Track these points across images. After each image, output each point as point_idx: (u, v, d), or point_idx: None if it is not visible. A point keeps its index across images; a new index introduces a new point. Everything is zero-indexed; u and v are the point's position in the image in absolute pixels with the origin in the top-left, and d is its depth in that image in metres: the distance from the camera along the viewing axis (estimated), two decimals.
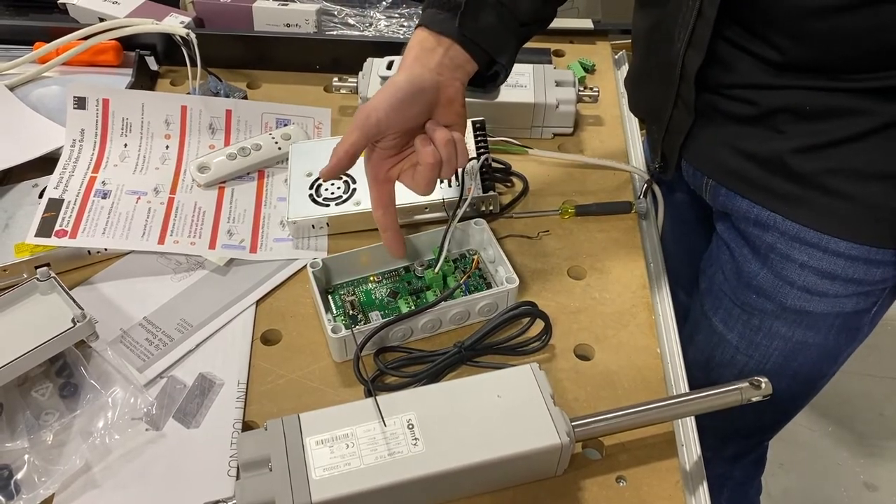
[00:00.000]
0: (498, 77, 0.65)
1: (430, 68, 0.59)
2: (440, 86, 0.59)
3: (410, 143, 0.61)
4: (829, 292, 0.68)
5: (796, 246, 0.67)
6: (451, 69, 0.60)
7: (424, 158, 0.59)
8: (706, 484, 0.57)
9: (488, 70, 0.64)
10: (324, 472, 0.48)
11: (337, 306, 0.66)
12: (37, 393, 0.59)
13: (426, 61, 0.59)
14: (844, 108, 0.59)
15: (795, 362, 0.74)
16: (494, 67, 0.64)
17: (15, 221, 0.71)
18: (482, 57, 0.61)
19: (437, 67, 0.59)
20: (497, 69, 0.64)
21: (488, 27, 0.60)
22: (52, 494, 0.54)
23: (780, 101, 0.62)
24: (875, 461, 1.56)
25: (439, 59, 0.59)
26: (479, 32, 0.60)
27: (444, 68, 0.60)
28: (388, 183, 0.63)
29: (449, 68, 0.60)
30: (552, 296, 0.68)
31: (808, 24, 0.56)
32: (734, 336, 0.76)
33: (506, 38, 0.63)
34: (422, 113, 0.60)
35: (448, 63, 0.60)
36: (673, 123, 0.70)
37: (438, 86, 0.59)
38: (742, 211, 0.70)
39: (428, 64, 0.59)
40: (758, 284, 0.71)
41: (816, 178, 0.63)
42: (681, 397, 0.56)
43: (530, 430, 0.51)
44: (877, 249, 0.64)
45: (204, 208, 0.75)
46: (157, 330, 0.65)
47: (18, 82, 0.86)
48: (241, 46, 0.94)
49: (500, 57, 0.63)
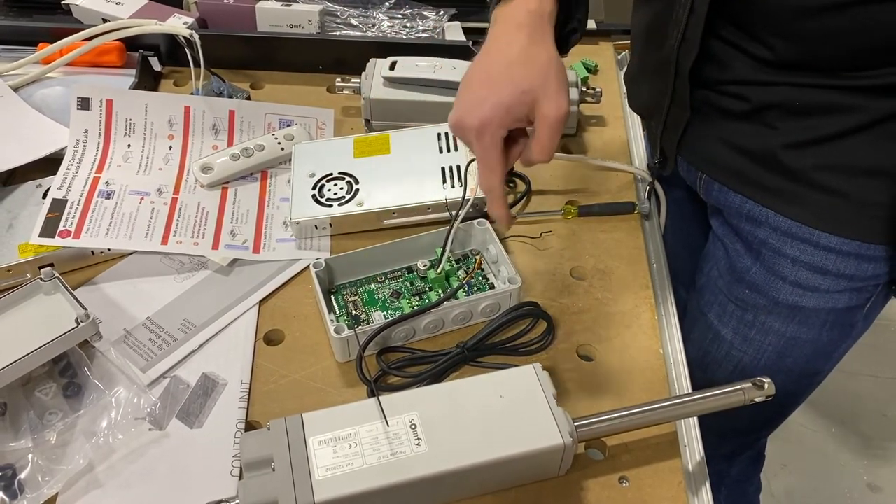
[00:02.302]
0: (574, 34, 0.63)
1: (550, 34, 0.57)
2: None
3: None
4: (822, 287, 0.68)
5: (788, 241, 0.67)
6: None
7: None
8: (709, 485, 0.57)
9: (563, 28, 0.61)
10: (327, 472, 0.49)
11: (340, 307, 0.66)
12: (40, 393, 0.59)
13: (547, 28, 0.57)
14: (835, 104, 0.59)
15: (789, 358, 0.75)
16: (570, 24, 0.62)
17: (19, 222, 0.71)
18: (564, 12, 0.59)
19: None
20: (574, 26, 0.62)
21: None
22: (55, 494, 0.54)
23: (771, 97, 0.62)
24: (879, 462, 1.55)
25: (549, 18, 0.57)
26: None
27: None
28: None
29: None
30: (555, 296, 0.68)
31: (797, 24, 0.57)
32: (729, 332, 0.77)
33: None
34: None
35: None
36: (670, 119, 0.70)
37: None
38: (735, 206, 0.70)
39: (548, 32, 0.57)
40: (751, 280, 0.71)
41: (808, 173, 0.63)
42: (683, 398, 0.56)
43: (533, 430, 0.51)
44: (868, 245, 0.64)
45: (207, 209, 0.75)
46: (161, 330, 0.65)
47: (22, 83, 0.86)
48: (245, 47, 0.94)
49: (578, 10, 0.61)
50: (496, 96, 0.54)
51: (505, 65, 0.55)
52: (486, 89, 0.55)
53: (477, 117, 0.55)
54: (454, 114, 0.56)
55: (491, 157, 0.56)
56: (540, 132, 0.55)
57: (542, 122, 0.55)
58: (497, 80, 0.55)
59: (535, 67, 0.55)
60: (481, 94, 0.55)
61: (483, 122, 0.54)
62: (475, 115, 0.55)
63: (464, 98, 0.56)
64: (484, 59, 0.57)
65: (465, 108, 0.56)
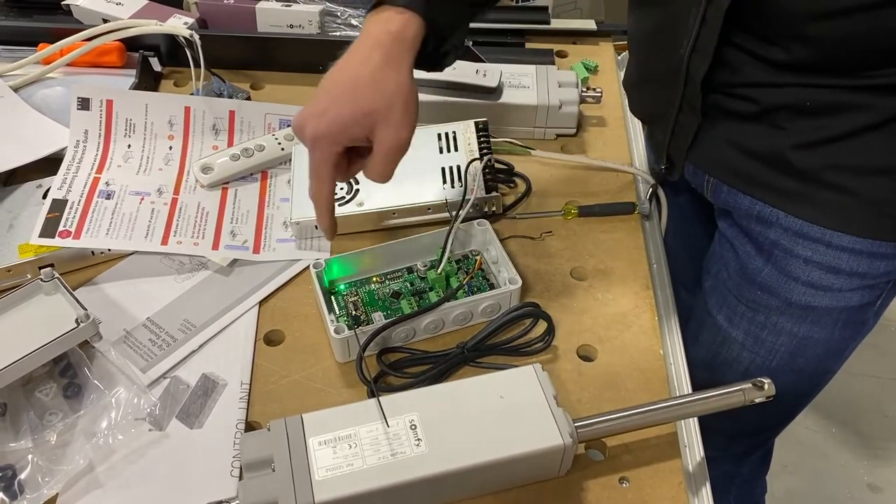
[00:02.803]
0: (447, 57, 0.63)
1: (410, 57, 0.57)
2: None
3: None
4: (834, 287, 0.68)
5: (800, 241, 0.67)
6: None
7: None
8: (709, 485, 0.57)
9: (436, 49, 0.61)
10: (327, 472, 0.48)
11: (340, 307, 0.66)
12: (40, 393, 0.59)
13: (405, 54, 0.57)
14: (845, 103, 0.59)
15: (801, 358, 0.74)
16: (444, 47, 0.61)
17: (19, 222, 0.71)
18: (435, 36, 0.58)
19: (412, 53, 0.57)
20: (447, 49, 0.62)
21: (446, 3, 0.58)
22: (55, 494, 0.54)
23: (780, 98, 0.62)
24: (879, 462, 1.55)
25: (410, 44, 0.57)
26: (438, 7, 0.57)
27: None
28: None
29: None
30: (555, 297, 0.68)
31: (810, 28, 0.56)
32: (739, 333, 0.76)
33: (459, 17, 0.62)
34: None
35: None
36: (679, 126, 0.70)
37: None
38: (744, 208, 0.70)
39: (405, 58, 0.57)
40: (762, 281, 0.71)
41: (818, 173, 0.63)
42: (684, 398, 0.56)
43: (533, 430, 0.51)
44: (880, 242, 0.64)
45: (207, 209, 0.75)
46: (161, 330, 0.65)
47: (23, 83, 0.86)
48: (245, 47, 0.94)
49: (454, 36, 0.61)
50: (336, 112, 0.55)
51: (353, 82, 0.55)
52: (329, 102, 0.55)
53: (314, 128, 0.55)
54: (297, 117, 0.57)
55: (321, 168, 0.57)
56: (375, 156, 0.57)
57: (379, 147, 0.56)
58: (342, 96, 0.55)
59: (381, 92, 0.55)
60: (324, 105, 0.56)
61: (318, 134, 0.56)
62: (312, 126, 0.56)
63: (311, 104, 0.57)
64: (338, 70, 0.57)
65: (307, 114, 0.56)
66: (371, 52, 0.56)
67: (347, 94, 0.55)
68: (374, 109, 0.55)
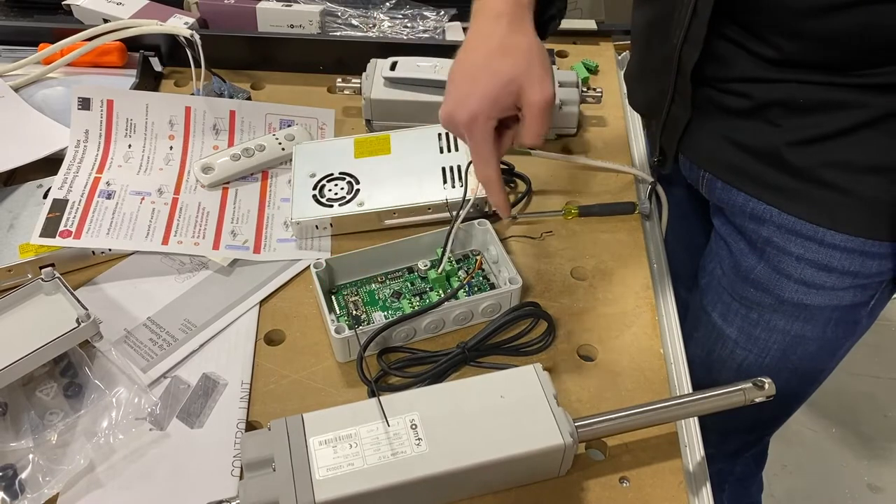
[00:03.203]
0: (554, 21, 0.64)
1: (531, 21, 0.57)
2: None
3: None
4: (827, 285, 0.68)
5: (792, 239, 0.67)
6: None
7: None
8: (709, 485, 0.57)
9: (542, 14, 0.61)
10: (327, 472, 0.49)
11: (340, 307, 0.67)
12: (41, 393, 0.59)
13: (526, 15, 0.57)
14: (839, 101, 0.59)
15: (794, 356, 0.75)
16: (550, 11, 0.62)
17: (20, 222, 0.71)
18: (540, 2, 0.59)
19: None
20: (553, 13, 0.63)
21: None
22: (56, 494, 0.54)
23: (773, 94, 0.62)
24: (879, 463, 1.55)
25: (528, 7, 0.57)
26: None
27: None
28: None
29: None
30: (555, 296, 0.68)
31: (802, 23, 0.57)
32: (733, 330, 0.77)
33: None
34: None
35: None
36: (671, 118, 0.70)
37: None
38: (738, 205, 0.70)
39: (527, 19, 0.57)
40: (755, 278, 0.71)
41: (812, 171, 0.63)
42: (684, 398, 0.56)
43: (533, 430, 0.51)
44: (872, 242, 0.64)
45: (208, 209, 0.75)
46: (161, 330, 0.65)
47: (23, 83, 0.86)
48: (245, 47, 0.94)
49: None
50: (481, 89, 0.55)
51: (486, 56, 0.56)
52: (470, 83, 0.56)
53: (465, 112, 0.55)
54: (444, 110, 0.57)
55: (483, 149, 0.57)
56: (528, 118, 0.56)
57: (529, 108, 0.56)
58: (480, 72, 0.55)
59: (517, 56, 0.55)
60: (466, 88, 0.56)
61: (471, 116, 0.55)
62: (463, 111, 0.55)
63: (451, 93, 0.57)
64: (466, 52, 0.58)
65: (453, 103, 0.56)
66: (495, 24, 0.56)
67: (486, 69, 0.55)
68: (516, 74, 0.55)
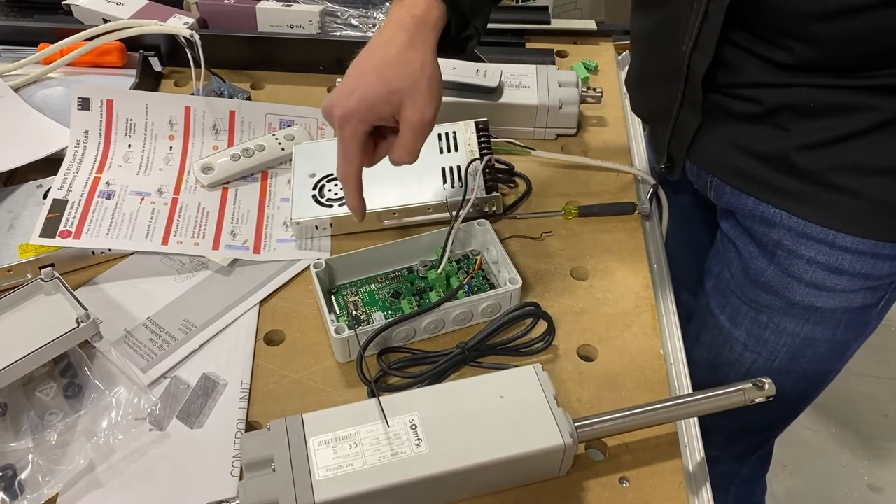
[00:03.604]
0: (470, 42, 0.64)
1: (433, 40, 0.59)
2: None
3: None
4: (837, 287, 0.68)
5: (803, 242, 0.67)
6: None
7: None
8: (709, 485, 0.57)
9: (459, 33, 0.63)
10: (327, 472, 0.49)
11: (340, 307, 0.66)
12: (41, 393, 0.59)
13: (428, 35, 0.59)
14: (849, 104, 0.59)
15: (804, 358, 0.74)
16: (467, 31, 0.63)
17: (19, 222, 0.71)
18: (457, 20, 0.61)
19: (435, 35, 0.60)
20: (470, 33, 0.63)
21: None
22: (55, 494, 0.54)
23: (784, 98, 0.62)
24: (879, 462, 1.55)
25: (433, 27, 0.59)
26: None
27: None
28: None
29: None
30: (555, 297, 0.68)
31: (813, 28, 0.56)
32: (742, 334, 0.76)
33: (482, 1, 0.63)
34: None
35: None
36: (679, 125, 0.70)
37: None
38: (748, 209, 0.70)
39: (429, 39, 0.59)
40: (765, 281, 0.71)
41: (822, 174, 0.63)
42: (684, 398, 0.56)
43: (533, 430, 0.51)
44: (883, 244, 0.64)
45: (207, 209, 0.75)
46: (161, 330, 0.65)
47: (23, 83, 0.86)
48: (245, 47, 0.94)
49: (476, 19, 0.63)
50: (363, 90, 0.57)
51: (380, 63, 0.58)
52: (356, 82, 0.58)
53: (342, 107, 0.58)
54: (327, 100, 0.60)
55: (349, 147, 0.59)
56: (402, 134, 0.59)
57: (405, 124, 0.58)
58: (369, 75, 0.58)
59: (407, 71, 0.57)
60: (352, 86, 0.58)
61: (347, 112, 0.58)
62: (341, 105, 0.58)
63: (339, 87, 0.59)
64: (364, 54, 0.59)
65: (336, 96, 0.59)
66: (395, 34, 0.58)
67: (374, 73, 0.57)
68: (400, 87, 0.57)
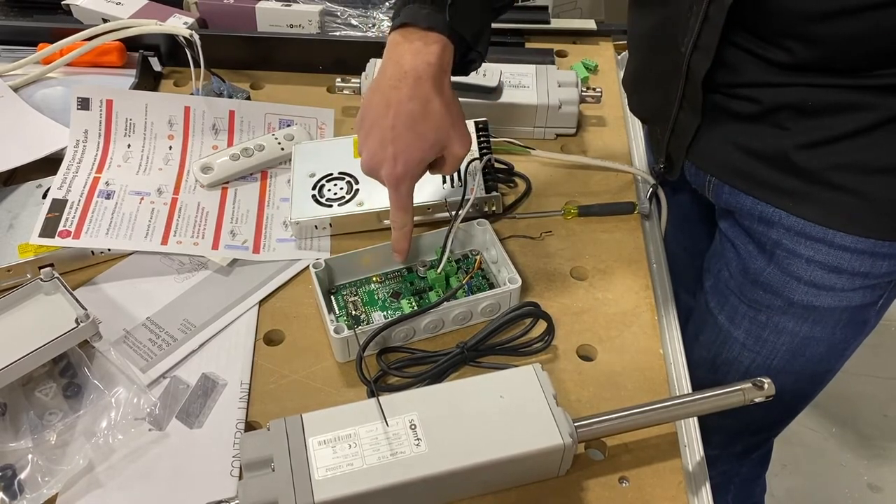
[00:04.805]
0: (473, 64, 0.66)
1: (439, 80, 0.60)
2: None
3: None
4: (836, 286, 0.68)
5: (802, 241, 0.67)
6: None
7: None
8: (709, 485, 0.57)
9: (463, 58, 0.64)
10: (326, 472, 0.49)
11: (340, 307, 0.66)
12: (40, 393, 0.59)
13: (446, 79, 0.61)
14: (848, 103, 0.59)
15: (803, 357, 0.74)
16: (470, 56, 0.64)
17: (19, 222, 0.71)
18: (461, 47, 0.62)
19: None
20: (473, 57, 0.65)
21: (469, 15, 0.61)
22: (55, 494, 0.54)
23: (783, 98, 0.62)
24: (879, 462, 1.55)
25: (448, 67, 0.61)
26: (463, 22, 0.60)
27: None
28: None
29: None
30: (555, 296, 0.68)
31: (813, 28, 0.56)
32: (741, 333, 0.76)
33: (483, 24, 0.64)
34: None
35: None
36: (678, 125, 0.70)
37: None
38: (746, 208, 0.70)
39: (447, 81, 0.61)
40: (764, 280, 0.71)
41: (821, 173, 0.63)
42: (684, 398, 0.56)
43: (533, 430, 0.51)
44: (882, 242, 0.64)
45: (207, 209, 0.75)
46: (161, 330, 0.65)
47: (23, 83, 0.86)
48: (245, 47, 0.94)
49: (479, 45, 0.64)
50: (407, 155, 0.60)
51: (410, 122, 0.59)
52: (395, 146, 0.59)
53: (392, 174, 0.60)
54: (367, 161, 0.61)
55: (407, 202, 0.62)
56: (449, 163, 0.63)
57: (452, 158, 0.62)
58: (405, 136, 0.59)
59: (439, 122, 0.60)
60: (392, 149, 0.59)
61: (398, 176, 0.60)
62: (391, 172, 0.60)
63: (373, 148, 0.61)
64: (389, 108, 0.60)
65: (378, 160, 0.60)
66: (416, 88, 0.59)
67: (409, 134, 0.59)
68: (439, 139, 0.60)
